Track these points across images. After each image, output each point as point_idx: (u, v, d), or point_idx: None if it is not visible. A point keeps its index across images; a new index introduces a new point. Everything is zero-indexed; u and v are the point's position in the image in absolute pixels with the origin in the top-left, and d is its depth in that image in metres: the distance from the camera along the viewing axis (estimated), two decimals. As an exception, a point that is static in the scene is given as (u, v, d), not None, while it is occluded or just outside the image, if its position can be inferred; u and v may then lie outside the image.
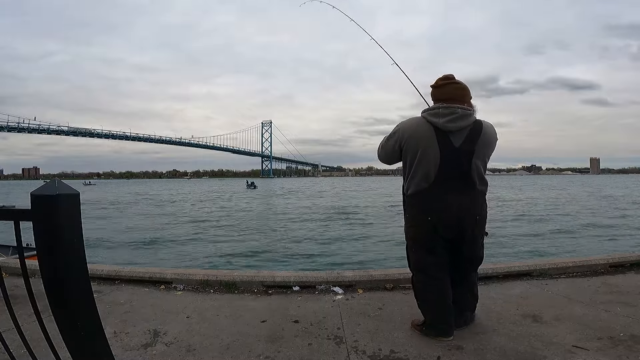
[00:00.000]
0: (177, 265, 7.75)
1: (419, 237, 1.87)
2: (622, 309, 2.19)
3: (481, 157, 1.80)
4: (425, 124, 1.78)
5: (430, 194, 1.78)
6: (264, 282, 2.74)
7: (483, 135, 1.79)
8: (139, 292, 2.66)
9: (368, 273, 2.81)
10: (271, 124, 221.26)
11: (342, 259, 8.36)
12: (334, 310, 2.29)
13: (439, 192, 1.76)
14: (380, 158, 2.01)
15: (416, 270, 1.94)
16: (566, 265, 2.93)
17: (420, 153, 1.77)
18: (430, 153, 1.75)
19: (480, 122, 1.82)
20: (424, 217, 1.80)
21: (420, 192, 1.80)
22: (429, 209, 1.79)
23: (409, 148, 1.81)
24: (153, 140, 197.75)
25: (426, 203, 1.79)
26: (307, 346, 1.84)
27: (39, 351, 1.02)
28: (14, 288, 1.76)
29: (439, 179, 1.76)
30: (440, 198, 1.76)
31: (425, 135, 1.76)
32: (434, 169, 1.75)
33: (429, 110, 1.81)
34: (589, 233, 11.70)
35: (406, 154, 1.83)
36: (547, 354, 1.69)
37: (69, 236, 0.86)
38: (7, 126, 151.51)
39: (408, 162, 1.83)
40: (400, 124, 1.88)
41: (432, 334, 1.87)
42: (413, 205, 1.85)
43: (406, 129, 1.83)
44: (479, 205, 1.85)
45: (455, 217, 1.78)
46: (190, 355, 1.75)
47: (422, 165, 1.77)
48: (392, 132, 1.89)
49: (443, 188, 1.76)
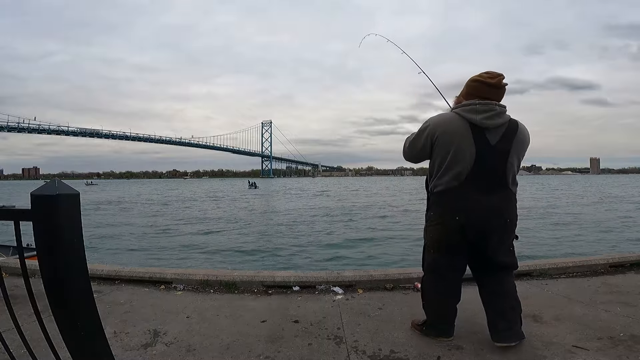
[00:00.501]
0: (177, 265, 7.75)
1: (442, 237, 1.77)
2: (622, 309, 2.19)
3: (516, 156, 1.72)
4: (459, 120, 1.69)
5: (461, 192, 1.69)
6: (264, 282, 2.74)
7: (519, 135, 1.72)
8: (139, 292, 2.67)
9: (368, 273, 2.82)
10: (271, 124, 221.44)
11: (342, 259, 8.36)
12: (334, 310, 2.29)
13: (470, 191, 1.68)
14: (406, 156, 1.91)
15: (429, 271, 1.88)
16: (566, 265, 2.93)
17: (454, 149, 1.68)
18: (465, 150, 1.66)
19: (515, 121, 1.74)
20: (451, 216, 1.71)
21: (450, 190, 1.70)
22: (458, 208, 1.69)
23: (441, 144, 1.71)
24: (153, 140, 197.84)
25: (456, 202, 1.70)
26: (307, 346, 1.84)
27: (39, 351, 1.02)
28: (14, 288, 1.76)
29: (471, 178, 1.67)
30: (470, 197, 1.68)
31: (459, 131, 1.67)
32: (467, 167, 1.67)
33: (464, 106, 1.71)
34: (590, 233, 11.70)
35: (437, 150, 1.73)
36: (547, 354, 1.69)
37: (69, 236, 0.86)
38: (7, 126, 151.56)
39: (439, 158, 1.73)
40: (431, 119, 1.78)
41: (432, 334, 1.87)
42: (440, 204, 1.76)
43: (439, 124, 1.73)
44: (511, 207, 1.76)
45: (484, 219, 1.69)
46: (190, 355, 1.75)
47: (455, 162, 1.68)
48: (422, 128, 1.78)
49: (474, 187, 1.67)
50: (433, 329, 1.88)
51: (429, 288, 1.89)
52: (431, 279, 1.88)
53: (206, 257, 8.97)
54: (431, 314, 1.90)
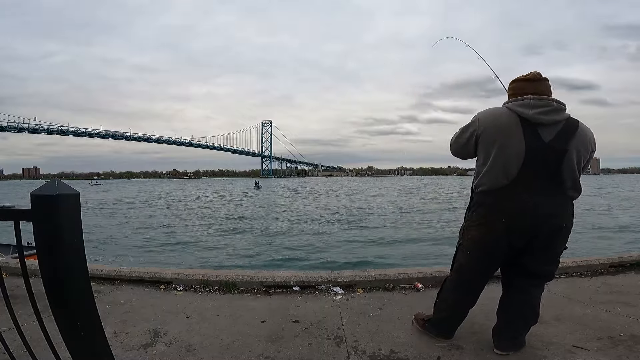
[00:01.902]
0: (177, 265, 7.75)
1: (483, 239, 1.63)
2: (622, 309, 2.19)
3: (576, 158, 1.55)
4: (509, 114, 1.55)
5: (508, 192, 1.55)
6: (264, 282, 2.74)
7: (579, 134, 1.55)
8: (139, 292, 2.66)
9: (368, 273, 2.82)
10: (271, 124, 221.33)
11: (343, 259, 8.36)
12: (334, 310, 2.29)
13: (519, 192, 1.54)
14: (452, 152, 1.79)
15: (458, 271, 1.78)
16: (566, 265, 2.92)
17: (500, 145, 1.54)
18: (513, 145, 1.52)
19: (576, 120, 1.59)
20: (497, 217, 1.57)
21: (497, 190, 1.57)
22: (505, 209, 1.56)
23: (487, 139, 1.58)
24: (153, 140, 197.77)
25: (503, 202, 1.56)
26: (307, 346, 1.84)
27: (39, 351, 1.02)
28: (14, 288, 1.76)
29: (521, 177, 1.53)
30: (520, 198, 1.54)
31: (508, 125, 1.53)
32: (516, 164, 1.53)
33: (517, 100, 1.56)
34: (592, 233, 11.69)
35: (483, 146, 1.60)
36: (547, 354, 1.69)
37: (69, 236, 0.86)
38: (7, 126, 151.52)
39: (484, 154, 1.60)
40: (479, 113, 1.65)
41: (433, 332, 1.86)
42: (485, 204, 1.62)
43: (486, 117, 1.61)
44: (566, 213, 1.60)
45: (533, 223, 1.55)
46: (190, 355, 1.75)
47: (502, 158, 1.54)
48: (469, 122, 1.66)
49: (525, 187, 1.53)
50: (435, 328, 1.87)
51: (450, 288, 1.82)
52: (456, 280, 1.79)
53: (206, 257, 8.97)
54: (439, 314, 1.86)
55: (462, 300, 1.80)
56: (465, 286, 1.77)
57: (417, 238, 10.91)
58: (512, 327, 1.72)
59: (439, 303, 1.88)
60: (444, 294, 1.86)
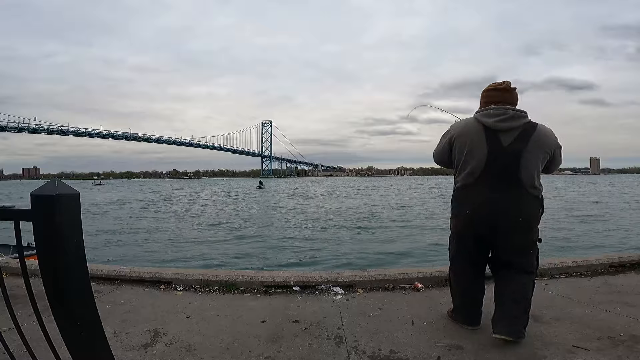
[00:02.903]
0: (178, 264, 7.75)
1: (458, 228, 1.98)
2: (622, 309, 2.19)
3: (533, 158, 1.80)
4: (475, 124, 1.86)
5: (474, 188, 1.86)
6: (264, 282, 2.74)
7: (536, 136, 1.80)
8: (139, 292, 2.67)
9: (368, 273, 2.82)
10: (271, 124, 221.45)
11: (343, 259, 8.35)
12: (334, 310, 2.29)
13: (481, 188, 1.84)
14: (434, 159, 2.12)
15: (450, 260, 2.08)
16: (566, 265, 2.93)
17: (468, 150, 1.86)
18: (478, 150, 1.83)
19: (534, 124, 1.85)
20: (464, 209, 1.90)
21: (466, 187, 1.89)
22: (469, 202, 1.88)
23: (458, 145, 1.90)
24: (153, 140, 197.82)
25: (468, 197, 1.88)
26: (307, 346, 1.84)
27: (39, 351, 1.02)
28: (14, 288, 1.76)
29: (483, 176, 1.83)
30: (480, 193, 1.83)
31: (474, 133, 1.85)
32: (479, 166, 1.83)
33: (482, 110, 1.88)
34: (591, 233, 11.69)
35: (456, 151, 1.93)
36: (547, 354, 1.69)
37: (69, 236, 0.86)
38: (7, 126, 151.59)
39: (457, 158, 1.93)
40: (453, 124, 2.01)
41: (458, 320, 2.02)
42: (457, 198, 1.95)
43: (457, 128, 1.94)
44: (524, 207, 1.82)
45: (492, 215, 1.81)
46: (190, 355, 1.75)
47: (469, 161, 1.86)
48: (445, 132, 2.01)
49: (486, 185, 1.82)
50: (459, 314, 2.03)
51: (452, 278, 2.09)
52: (451, 268, 2.08)
53: (206, 256, 8.97)
54: (454, 302, 2.08)
55: (465, 287, 2.01)
56: (460, 274, 2.02)
57: (417, 238, 10.91)
58: (504, 309, 1.83)
59: (452, 293, 2.11)
60: (451, 284, 2.11)
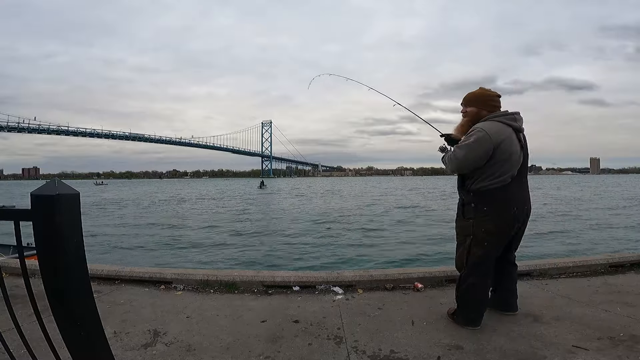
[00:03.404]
0: (178, 264, 7.75)
1: (498, 230, 1.95)
2: (622, 309, 2.19)
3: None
4: (506, 126, 1.95)
5: (512, 187, 1.94)
6: (264, 282, 2.74)
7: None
8: (139, 292, 2.66)
9: (368, 273, 2.82)
10: (271, 124, 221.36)
11: (343, 259, 8.35)
12: (334, 310, 2.29)
13: (517, 186, 1.96)
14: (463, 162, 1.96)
15: (477, 264, 1.98)
16: (566, 265, 2.93)
17: (510, 152, 1.92)
18: (516, 152, 1.95)
19: None
20: (508, 208, 1.93)
21: (505, 186, 1.93)
22: (512, 201, 1.94)
23: (503, 148, 1.91)
24: (153, 140, 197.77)
25: (511, 195, 1.94)
26: (307, 346, 1.84)
27: (39, 351, 1.02)
28: (14, 288, 1.76)
29: (517, 175, 1.96)
30: (518, 191, 1.97)
31: (511, 136, 1.94)
32: (516, 165, 1.96)
33: (503, 115, 1.99)
34: (591, 232, 11.68)
35: (498, 153, 1.91)
36: (547, 354, 1.69)
37: (69, 236, 0.86)
38: (7, 126, 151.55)
39: (497, 160, 1.91)
40: (484, 128, 1.91)
41: (461, 322, 2.01)
42: (496, 199, 1.93)
43: (497, 132, 1.91)
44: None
45: (526, 209, 2.00)
46: (190, 355, 1.75)
47: (509, 162, 1.93)
48: (477, 137, 1.90)
49: (519, 183, 1.97)
50: (463, 317, 2.02)
51: (470, 280, 2.00)
52: (475, 271, 2.00)
53: (206, 256, 8.97)
54: (464, 304, 2.03)
55: (484, 285, 2.03)
56: (484, 273, 2.01)
57: (417, 238, 10.91)
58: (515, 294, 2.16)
59: (462, 296, 2.04)
60: (465, 286, 2.02)
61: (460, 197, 2.06)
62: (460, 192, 2.06)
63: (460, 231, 2.05)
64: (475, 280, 1.98)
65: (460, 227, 2.05)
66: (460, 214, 2.06)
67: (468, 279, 2.00)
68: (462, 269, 2.05)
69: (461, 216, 2.04)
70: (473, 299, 2.00)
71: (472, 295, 2.00)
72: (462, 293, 2.03)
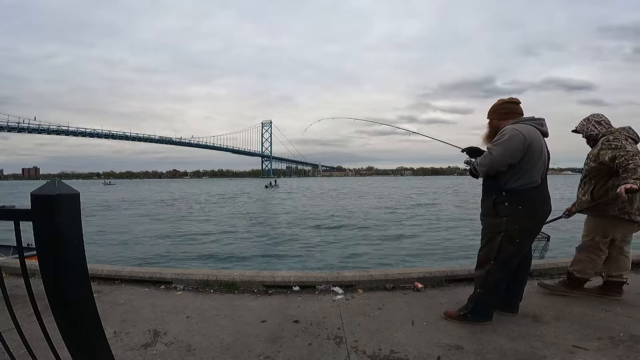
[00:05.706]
0: (178, 264, 7.74)
1: (532, 226, 2.08)
2: (622, 309, 2.19)
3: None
4: (536, 130, 2.06)
5: (542, 187, 2.07)
6: (264, 282, 2.74)
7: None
8: (139, 292, 2.67)
9: (368, 273, 2.82)
10: (271, 124, 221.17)
11: (343, 259, 8.35)
12: (334, 310, 2.29)
13: (544, 186, 2.09)
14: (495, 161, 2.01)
15: (504, 260, 2.05)
16: (566, 265, 2.92)
17: (539, 153, 2.03)
18: (543, 153, 2.06)
19: None
20: (541, 206, 2.06)
21: (537, 186, 2.04)
22: (544, 199, 2.07)
23: (534, 149, 2.01)
24: (153, 141, 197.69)
25: (542, 194, 2.07)
26: (307, 346, 1.84)
27: (39, 351, 1.02)
28: (14, 288, 1.76)
29: (543, 176, 2.08)
30: (546, 190, 2.10)
31: (540, 139, 2.06)
32: (543, 167, 2.06)
33: (532, 120, 2.10)
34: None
35: (529, 155, 2.00)
36: (547, 354, 1.70)
37: (69, 236, 0.86)
38: (7, 126, 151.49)
39: (529, 161, 2.00)
40: (516, 128, 2.01)
41: (479, 320, 2.06)
42: (531, 197, 2.02)
43: (530, 134, 2.01)
44: None
45: (550, 208, 2.11)
46: (190, 355, 1.75)
47: (539, 163, 2.03)
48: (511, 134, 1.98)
49: (545, 183, 2.10)
50: (479, 315, 2.06)
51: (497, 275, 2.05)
52: (503, 267, 2.05)
53: (206, 256, 8.97)
54: (482, 302, 2.07)
55: (506, 280, 2.09)
56: (509, 268, 2.08)
57: (418, 238, 10.91)
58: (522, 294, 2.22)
59: (483, 294, 2.07)
60: (493, 280, 2.05)
61: (489, 195, 2.09)
62: (491, 192, 2.08)
63: (491, 228, 2.07)
64: (502, 274, 2.06)
65: (491, 225, 2.07)
66: (491, 212, 2.07)
67: (496, 273, 2.05)
68: (486, 264, 2.08)
69: (493, 214, 2.06)
70: (497, 292, 2.07)
71: (497, 289, 2.07)
72: (489, 286, 2.07)
